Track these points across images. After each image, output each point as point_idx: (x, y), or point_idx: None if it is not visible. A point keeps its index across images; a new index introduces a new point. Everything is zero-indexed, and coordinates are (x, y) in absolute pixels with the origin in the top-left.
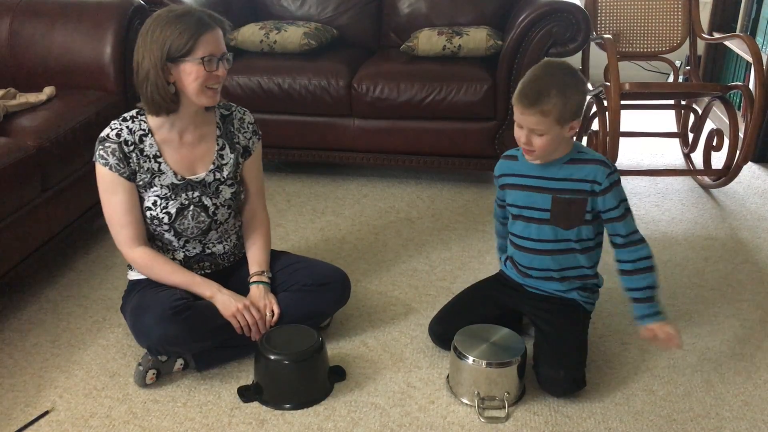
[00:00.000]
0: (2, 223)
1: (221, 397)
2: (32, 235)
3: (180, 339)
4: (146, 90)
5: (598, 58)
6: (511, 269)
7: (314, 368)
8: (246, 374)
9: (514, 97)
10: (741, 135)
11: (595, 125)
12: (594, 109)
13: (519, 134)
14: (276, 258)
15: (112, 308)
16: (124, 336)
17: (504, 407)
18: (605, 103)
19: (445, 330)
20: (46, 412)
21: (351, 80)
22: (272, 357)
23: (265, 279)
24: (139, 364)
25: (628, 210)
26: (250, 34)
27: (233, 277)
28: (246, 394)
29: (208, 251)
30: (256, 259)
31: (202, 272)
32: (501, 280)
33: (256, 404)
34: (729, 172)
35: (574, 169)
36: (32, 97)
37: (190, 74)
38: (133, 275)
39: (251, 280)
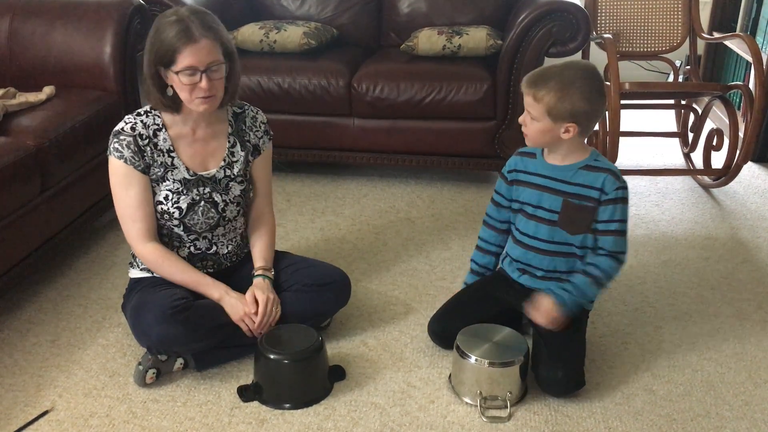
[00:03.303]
0: (2, 222)
1: (221, 396)
2: (32, 234)
3: (179, 338)
4: (148, 91)
5: (598, 57)
6: (509, 265)
7: (314, 368)
8: (246, 374)
9: None
10: (741, 134)
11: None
12: None
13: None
14: (277, 258)
15: (111, 308)
16: (123, 335)
17: (506, 407)
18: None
19: (445, 328)
20: (46, 412)
21: (351, 80)
22: (272, 356)
23: (270, 275)
24: (139, 364)
25: (620, 231)
26: (250, 33)
27: (235, 275)
28: (246, 393)
29: (213, 249)
30: (262, 255)
31: (205, 271)
32: (500, 278)
33: (255, 404)
34: (729, 172)
35: (588, 176)
36: (32, 97)
37: (176, 83)
38: (135, 273)
39: (257, 273)
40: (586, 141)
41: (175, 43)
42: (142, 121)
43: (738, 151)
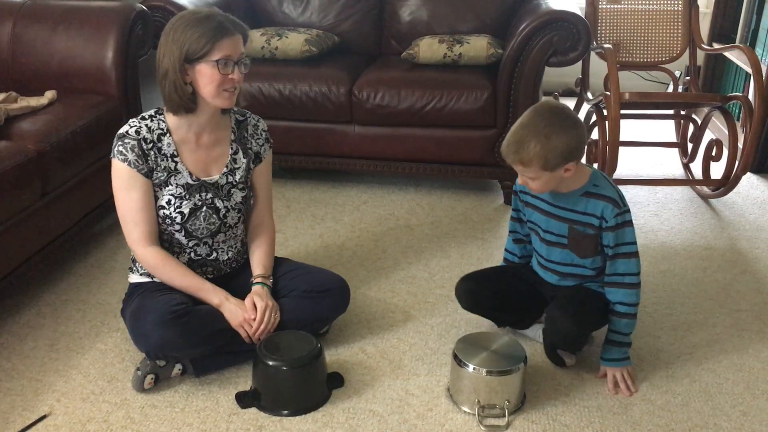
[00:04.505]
0: (2, 226)
1: (219, 402)
2: (32, 238)
3: (178, 343)
4: (165, 88)
5: (598, 67)
6: (536, 266)
7: (312, 374)
8: (244, 380)
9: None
10: (740, 145)
11: (594, 134)
12: (594, 118)
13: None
14: (276, 264)
15: (110, 313)
16: (122, 340)
17: (504, 415)
18: (605, 112)
19: (476, 287)
20: (44, 417)
21: (352, 87)
22: (271, 363)
23: (268, 283)
24: (138, 369)
25: (628, 254)
26: (252, 40)
27: (234, 281)
28: (244, 399)
29: (213, 256)
30: (261, 262)
31: (204, 277)
32: (531, 269)
33: (253, 410)
34: (728, 183)
35: (589, 203)
36: (33, 101)
37: (205, 76)
38: (135, 278)
39: (255, 281)
40: (586, 147)
41: (213, 35)
42: (146, 125)
43: (737, 162)
